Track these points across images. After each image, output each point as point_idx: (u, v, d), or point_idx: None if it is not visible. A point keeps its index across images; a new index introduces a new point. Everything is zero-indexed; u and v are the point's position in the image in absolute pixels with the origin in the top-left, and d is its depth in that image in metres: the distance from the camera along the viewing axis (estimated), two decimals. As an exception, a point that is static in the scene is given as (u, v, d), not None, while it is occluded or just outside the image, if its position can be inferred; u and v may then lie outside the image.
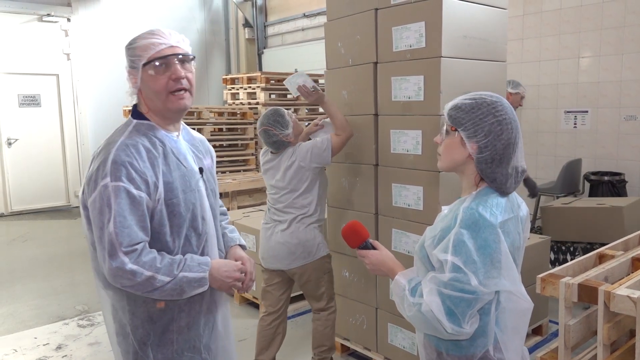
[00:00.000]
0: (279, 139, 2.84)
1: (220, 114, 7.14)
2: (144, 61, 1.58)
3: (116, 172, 1.50)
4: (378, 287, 3.01)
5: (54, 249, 6.21)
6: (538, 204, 5.09)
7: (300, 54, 9.16)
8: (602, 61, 5.35)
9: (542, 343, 3.56)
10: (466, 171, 1.50)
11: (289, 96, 7.64)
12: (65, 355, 3.52)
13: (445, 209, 1.56)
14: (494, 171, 1.44)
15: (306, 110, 7.73)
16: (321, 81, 7.76)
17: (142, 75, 1.60)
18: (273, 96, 7.52)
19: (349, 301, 3.21)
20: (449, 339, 1.44)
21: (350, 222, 1.66)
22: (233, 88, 7.91)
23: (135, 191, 1.50)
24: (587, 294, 2.01)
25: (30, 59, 8.14)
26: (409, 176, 2.75)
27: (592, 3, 5.36)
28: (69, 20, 8.46)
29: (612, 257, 2.41)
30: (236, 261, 1.78)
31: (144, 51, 1.58)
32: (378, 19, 2.82)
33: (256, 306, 4.21)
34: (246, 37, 10.14)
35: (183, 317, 1.66)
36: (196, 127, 6.40)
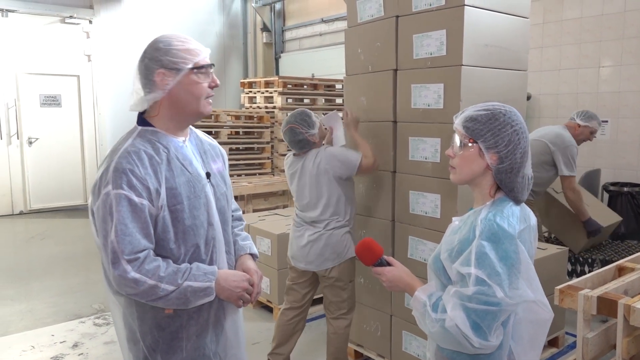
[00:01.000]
0: (304, 137, 2.85)
1: (238, 117, 7.21)
2: (191, 65, 1.59)
3: (117, 180, 1.50)
4: (393, 295, 3.00)
5: (71, 247, 6.28)
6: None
7: (317, 59, 9.22)
8: (624, 70, 5.29)
9: (558, 355, 3.52)
10: (482, 182, 1.49)
11: (306, 101, 7.68)
12: (82, 354, 3.56)
13: (456, 220, 1.56)
14: (513, 180, 1.44)
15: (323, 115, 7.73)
16: (338, 86, 7.82)
17: (183, 79, 1.60)
18: (290, 100, 7.56)
19: (364, 307, 3.21)
20: (473, 353, 1.42)
21: (363, 239, 1.66)
22: (250, 92, 7.96)
23: (136, 198, 1.50)
24: (606, 306, 2.00)
25: (52, 60, 8.27)
26: (427, 184, 2.74)
27: (613, 12, 5.31)
28: (90, 22, 8.58)
29: (632, 269, 2.39)
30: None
31: (190, 55, 1.60)
32: (399, 26, 2.83)
33: (270, 310, 4.22)
34: (264, 41, 10.21)
35: (192, 324, 1.65)
36: (213, 130, 6.47)
